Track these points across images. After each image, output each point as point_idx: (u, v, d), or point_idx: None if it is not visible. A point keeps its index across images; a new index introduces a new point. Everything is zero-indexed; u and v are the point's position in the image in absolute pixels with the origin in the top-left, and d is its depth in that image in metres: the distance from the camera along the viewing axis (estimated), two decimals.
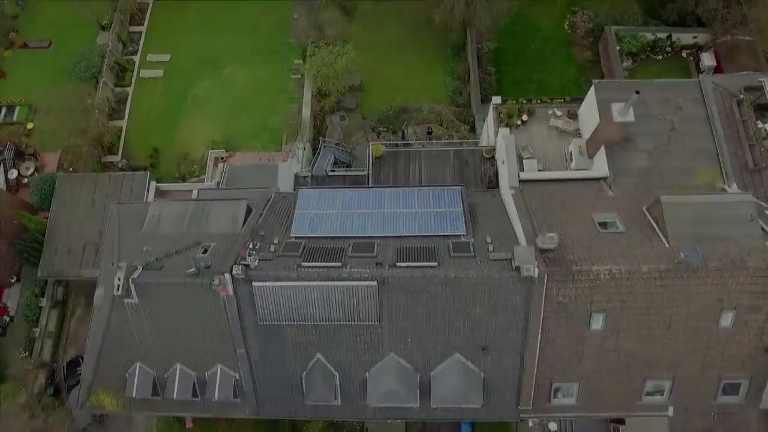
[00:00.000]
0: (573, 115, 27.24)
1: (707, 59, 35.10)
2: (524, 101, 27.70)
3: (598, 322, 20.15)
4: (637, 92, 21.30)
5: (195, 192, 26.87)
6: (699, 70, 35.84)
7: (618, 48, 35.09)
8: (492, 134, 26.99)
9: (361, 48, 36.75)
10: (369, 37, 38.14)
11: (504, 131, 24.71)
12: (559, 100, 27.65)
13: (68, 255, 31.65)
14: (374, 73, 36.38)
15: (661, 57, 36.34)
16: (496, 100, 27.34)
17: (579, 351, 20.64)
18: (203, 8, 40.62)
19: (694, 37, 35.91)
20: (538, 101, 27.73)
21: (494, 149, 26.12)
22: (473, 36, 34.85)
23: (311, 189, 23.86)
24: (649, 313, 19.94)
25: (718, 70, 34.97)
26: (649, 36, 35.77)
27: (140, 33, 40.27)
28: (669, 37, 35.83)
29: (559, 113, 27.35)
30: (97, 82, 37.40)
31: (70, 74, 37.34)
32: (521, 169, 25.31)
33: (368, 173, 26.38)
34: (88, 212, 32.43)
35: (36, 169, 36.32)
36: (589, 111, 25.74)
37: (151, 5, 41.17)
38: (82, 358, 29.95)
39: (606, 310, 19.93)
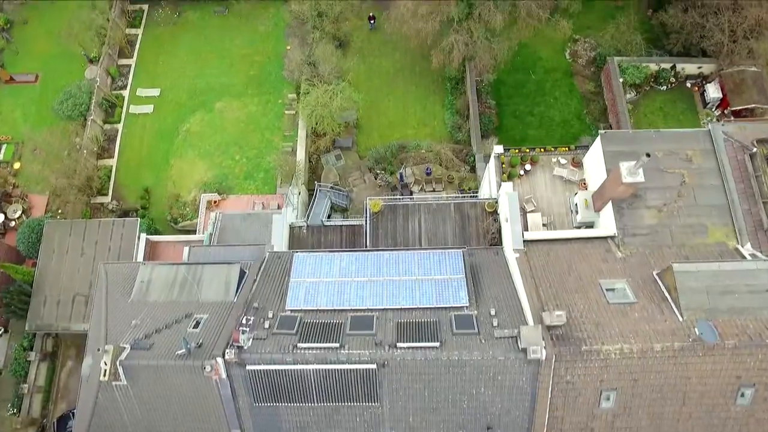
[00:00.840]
0: (578, 164, 26.27)
1: (713, 91, 34.11)
2: (527, 150, 26.67)
3: (608, 401, 19.20)
4: (648, 155, 20.33)
5: (186, 251, 25.81)
6: (704, 102, 34.88)
7: (621, 80, 34.08)
8: (494, 185, 26.00)
9: (357, 81, 35.99)
10: (364, 70, 37.12)
11: (507, 187, 23.70)
12: (563, 149, 26.64)
13: (57, 307, 30.67)
14: (370, 107, 35.31)
15: (665, 88, 35.33)
16: (498, 149, 26.33)
17: (589, 429, 19.73)
18: (194, 39, 39.54)
19: (699, 68, 34.92)
20: (542, 149, 26.71)
21: (497, 202, 25.13)
22: (472, 69, 33.79)
23: (306, 253, 22.82)
24: (662, 390, 19.01)
25: (723, 102, 34.01)
26: (653, 66, 34.78)
27: (129, 66, 39.17)
28: (673, 67, 34.82)
29: (563, 161, 26.38)
30: (85, 120, 36.32)
31: (57, 113, 36.23)
32: (525, 226, 24.40)
33: (366, 229, 25.37)
34: (77, 261, 31.40)
35: (24, 212, 35.26)
36: (594, 162, 24.77)
37: (140, 37, 40.04)
38: (73, 414, 29.10)
39: (617, 388, 18.99)
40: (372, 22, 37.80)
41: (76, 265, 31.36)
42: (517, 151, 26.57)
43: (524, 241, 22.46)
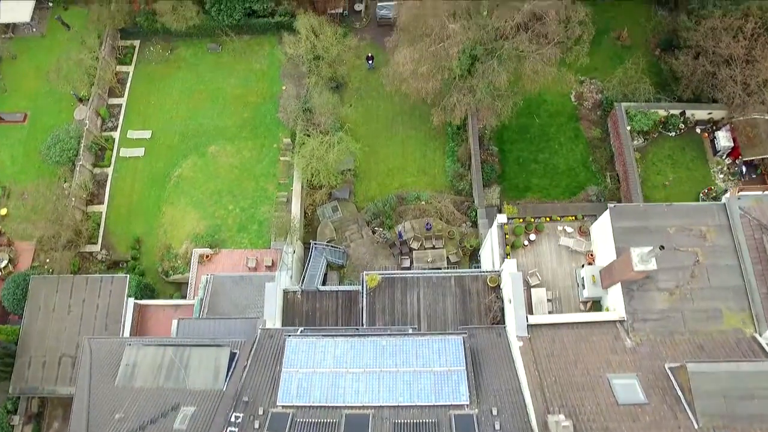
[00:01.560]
0: (585, 233, 25.08)
1: (723, 139, 32.84)
2: (531, 219, 25.46)
3: None
4: (662, 247, 19.15)
5: (174, 325, 24.69)
6: (714, 149, 33.63)
7: (629, 128, 32.82)
8: (497, 257, 24.84)
9: (354, 125, 34.82)
10: (362, 112, 35.88)
11: (510, 265, 22.49)
12: (570, 218, 25.42)
13: (43, 368, 29.61)
14: (368, 154, 33.99)
15: (674, 134, 34.06)
16: (501, 218, 25.13)
17: None
18: (187, 77, 38.26)
19: (709, 114, 33.65)
20: (548, 219, 25.49)
21: (499, 276, 23.95)
22: (474, 118, 32.50)
23: (299, 338, 21.66)
24: None
25: (735, 151, 32.77)
26: (662, 112, 33.51)
27: (120, 106, 37.90)
28: (682, 113, 33.55)
29: (569, 230, 25.18)
30: (74, 165, 35.14)
31: (44, 158, 35.02)
32: (529, 302, 23.28)
33: (362, 305, 24.19)
34: (64, 320, 30.34)
35: (10, 261, 34.09)
36: (603, 235, 23.57)
37: (131, 75, 38.76)
38: None
39: None
40: (370, 62, 36.55)
41: (63, 324, 30.30)
42: (521, 220, 25.37)
43: (528, 324, 21.36)
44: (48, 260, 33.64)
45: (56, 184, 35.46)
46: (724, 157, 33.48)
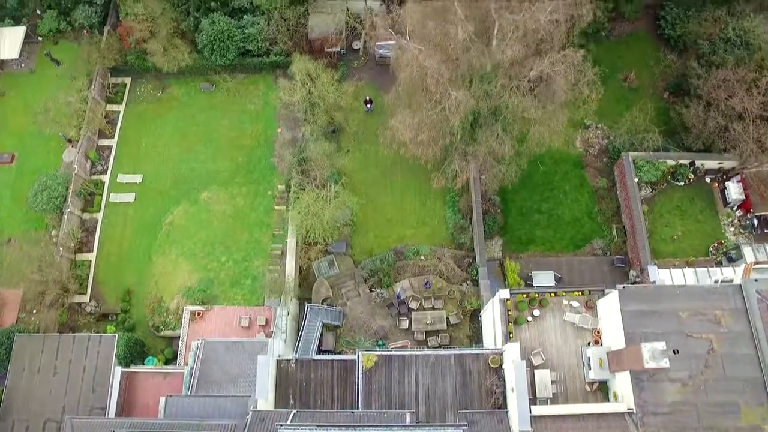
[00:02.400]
0: (591, 308, 23.93)
1: (734, 191, 31.68)
2: (536, 295, 24.29)
3: None
4: (676, 351, 18.02)
5: (162, 403, 23.59)
6: (725, 200, 32.44)
7: (636, 180, 31.63)
8: (499, 335, 23.69)
9: (351, 173, 33.65)
10: (360, 158, 34.68)
11: (513, 350, 21.37)
12: (576, 293, 24.25)
13: None
14: (366, 203, 32.77)
15: (682, 183, 32.87)
16: (504, 293, 23.96)
17: None
18: (179, 118, 37.03)
19: (720, 163, 32.48)
20: (553, 294, 24.33)
21: (501, 356, 22.79)
22: (477, 165, 31.25)
23: (291, 430, 20.57)
24: None
25: (746, 204, 31.60)
26: (670, 162, 32.34)
27: (110, 148, 36.68)
28: (692, 163, 32.38)
29: (575, 304, 24.03)
30: (62, 212, 33.98)
31: (31, 206, 33.84)
32: (532, 385, 22.15)
33: (358, 386, 23.05)
34: (49, 381, 29.23)
35: None
36: (611, 314, 22.43)
37: (122, 114, 37.51)
38: None
39: None
40: (369, 105, 35.33)
41: (48, 386, 29.20)
42: (525, 295, 24.19)
43: (532, 416, 20.24)
44: (35, 311, 32.54)
45: (44, 232, 34.47)
46: (734, 209, 32.31)
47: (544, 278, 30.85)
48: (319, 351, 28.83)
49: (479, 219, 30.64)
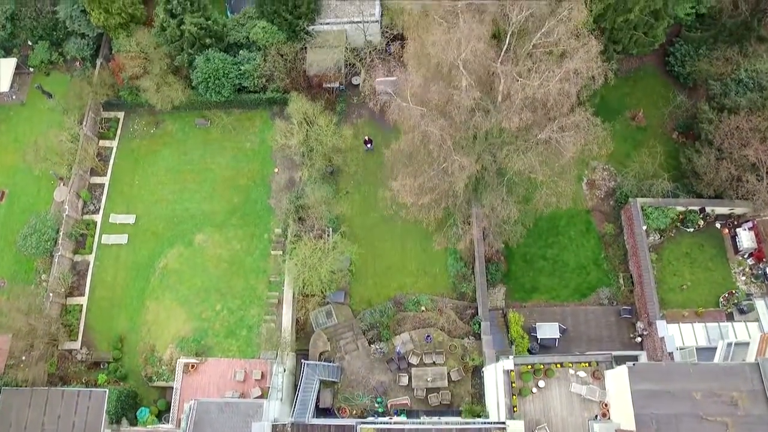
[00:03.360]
0: (599, 378, 22.96)
1: (746, 239, 30.65)
2: (541, 366, 23.33)
3: None
4: None
5: None
6: (736, 247, 31.41)
7: (644, 228, 30.61)
8: (502, 406, 22.72)
9: (350, 217, 32.61)
10: (359, 202, 33.65)
11: (517, 428, 20.42)
12: (583, 364, 23.29)
13: None
14: (365, 248, 31.78)
15: (692, 230, 31.84)
16: (508, 364, 23.02)
17: None
18: (173, 155, 36.03)
19: (731, 209, 31.44)
20: (559, 365, 23.37)
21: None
22: (479, 217, 30.11)
23: None
24: None
25: (758, 252, 30.57)
26: (679, 208, 31.31)
27: (102, 186, 35.66)
28: (702, 209, 31.35)
29: (582, 375, 23.07)
30: (52, 256, 33.04)
31: (20, 249, 32.86)
32: None
33: None
34: None
35: None
36: (619, 390, 21.45)
37: (114, 150, 36.50)
38: None
39: None
40: (368, 145, 34.29)
41: None
42: (530, 366, 23.23)
43: None
44: (24, 358, 31.53)
45: (34, 274, 33.52)
46: (746, 257, 31.29)
47: (548, 330, 29.93)
48: (317, 408, 27.94)
49: (482, 269, 29.61)
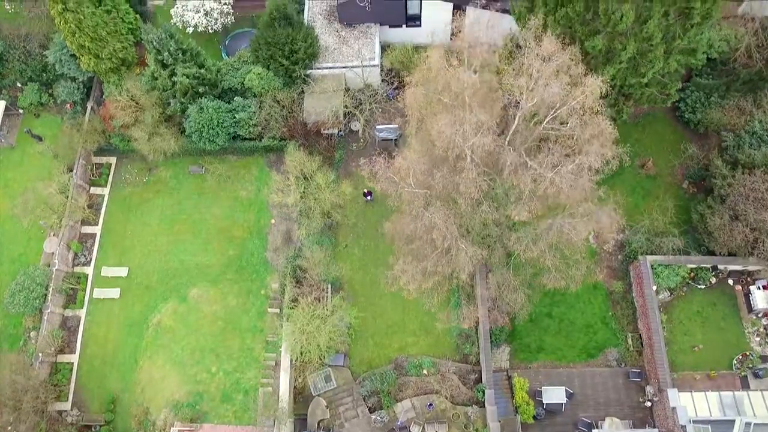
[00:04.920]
0: None
1: (761, 299, 29.59)
2: None
3: None
4: None
5: None
6: (749, 305, 30.33)
7: (654, 288, 29.52)
8: None
9: (349, 275, 31.56)
10: (358, 256, 32.50)
11: None
12: None
13: None
14: (365, 307, 30.83)
15: (703, 287, 30.73)
16: None
17: None
18: (167, 204, 34.81)
19: (744, 267, 30.34)
20: None
21: None
22: (482, 273, 29.10)
23: None
24: None
25: None
26: (691, 265, 30.20)
27: (94, 236, 34.54)
28: (714, 267, 30.25)
29: None
30: (41, 312, 32.00)
31: (8, 308, 31.75)
32: None
33: None
34: None
35: None
36: None
37: (106, 198, 35.34)
38: None
39: None
40: (368, 197, 33.15)
41: None
42: None
43: None
44: (12, 421, 30.57)
45: (22, 330, 32.51)
46: (760, 317, 30.20)
47: (554, 394, 28.90)
48: None
49: (486, 333, 28.55)
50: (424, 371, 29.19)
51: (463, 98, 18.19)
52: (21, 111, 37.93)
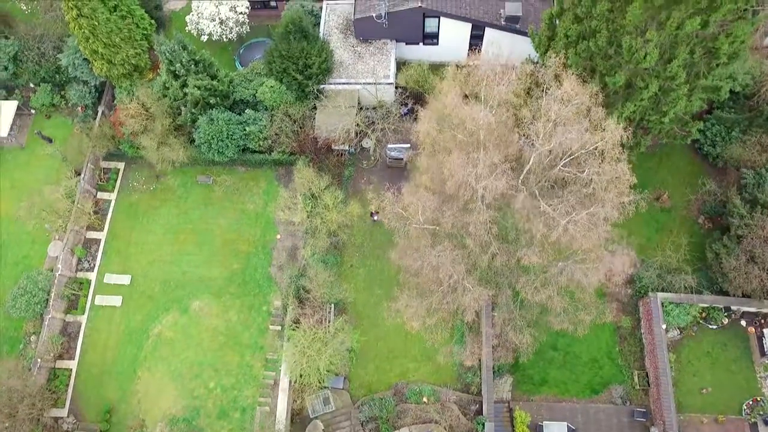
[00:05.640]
0: None
1: None
2: None
3: None
4: None
5: None
6: (762, 349, 29.51)
7: (664, 326, 28.80)
8: None
9: (353, 295, 31.03)
10: (363, 276, 32.00)
11: None
12: None
13: None
14: (368, 329, 30.44)
15: (715, 327, 29.95)
16: None
17: None
18: (173, 213, 34.57)
19: (759, 309, 29.51)
20: None
21: None
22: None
23: None
24: None
25: None
26: (702, 304, 29.45)
27: (98, 242, 34.34)
28: (727, 307, 29.47)
29: None
30: (42, 318, 31.85)
31: (9, 311, 31.56)
32: None
33: None
34: None
35: None
36: None
37: (113, 204, 35.14)
38: None
39: None
40: (375, 216, 32.64)
41: None
42: None
43: None
44: (7, 424, 30.45)
45: (23, 333, 32.34)
46: None
47: (556, 430, 28.28)
48: None
49: (489, 364, 28.00)
50: (424, 399, 28.65)
51: (478, 137, 17.67)
52: (33, 111, 37.88)
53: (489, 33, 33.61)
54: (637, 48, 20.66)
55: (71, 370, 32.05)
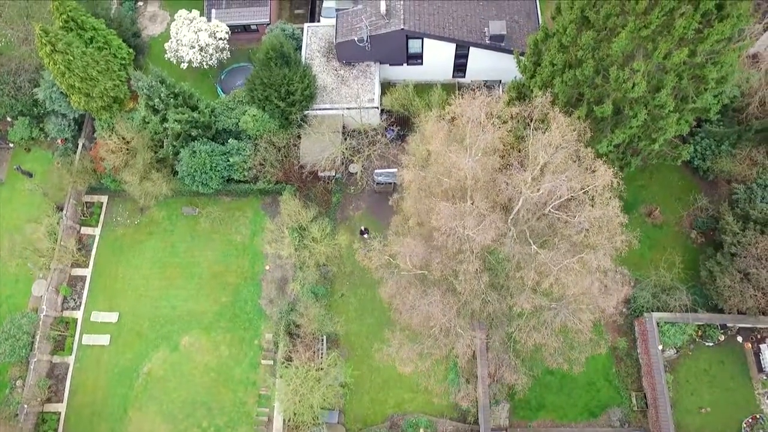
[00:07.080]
0: None
1: None
2: None
3: None
4: None
5: None
6: (760, 366, 29.29)
7: (660, 347, 28.51)
8: None
9: (344, 325, 30.50)
10: (354, 306, 31.45)
11: None
12: None
13: None
14: (361, 361, 29.96)
15: (711, 344, 29.70)
16: None
17: None
18: (159, 247, 33.87)
19: (755, 324, 29.28)
20: None
21: None
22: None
23: None
24: None
25: None
26: (699, 323, 29.18)
27: (84, 279, 33.61)
28: (723, 325, 29.22)
29: None
30: (28, 362, 31.09)
31: None
32: None
33: None
34: None
35: None
36: None
37: (97, 239, 34.39)
38: None
39: None
40: (365, 234, 32.11)
41: None
42: None
43: None
44: None
45: (8, 378, 31.60)
46: None
47: None
48: None
49: (485, 391, 27.60)
50: (421, 431, 28.24)
51: (464, 186, 17.21)
52: (11, 145, 37.03)
53: (474, 51, 33.14)
54: (625, 78, 20.27)
55: (60, 413, 31.32)
